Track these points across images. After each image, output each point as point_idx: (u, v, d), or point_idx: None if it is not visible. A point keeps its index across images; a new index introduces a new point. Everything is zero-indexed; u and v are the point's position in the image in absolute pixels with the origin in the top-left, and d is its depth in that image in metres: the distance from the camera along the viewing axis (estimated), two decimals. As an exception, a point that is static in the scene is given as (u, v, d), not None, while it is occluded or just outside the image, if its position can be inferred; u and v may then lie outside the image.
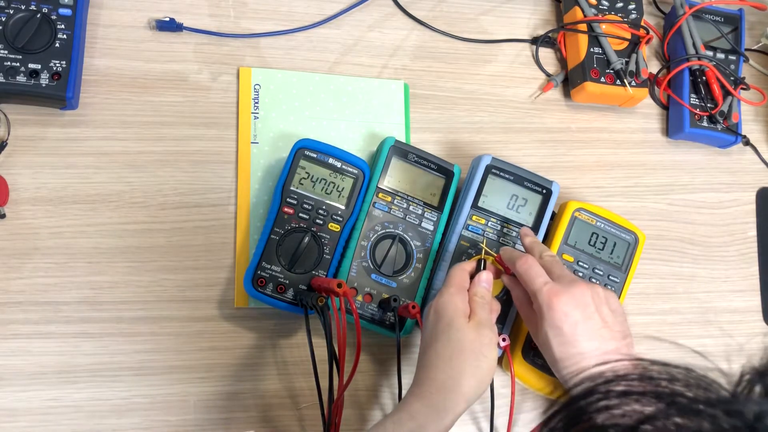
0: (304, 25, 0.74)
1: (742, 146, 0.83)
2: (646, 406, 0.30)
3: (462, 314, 0.57)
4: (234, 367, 0.64)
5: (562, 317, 0.55)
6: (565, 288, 0.56)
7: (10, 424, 0.58)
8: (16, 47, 0.61)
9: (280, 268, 0.62)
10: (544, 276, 0.58)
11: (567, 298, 0.55)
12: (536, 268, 0.58)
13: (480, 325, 0.56)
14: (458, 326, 0.56)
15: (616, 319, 0.57)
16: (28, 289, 0.61)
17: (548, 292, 0.56)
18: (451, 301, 0.58)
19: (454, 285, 0.59)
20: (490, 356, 0.56)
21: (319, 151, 0.65)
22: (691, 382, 0.31)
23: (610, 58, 0.78)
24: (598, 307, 0.56)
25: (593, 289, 0.57)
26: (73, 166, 0.65)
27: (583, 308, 0.56)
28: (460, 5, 0.81)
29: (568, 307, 0.55)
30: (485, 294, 0.60)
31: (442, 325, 0.57)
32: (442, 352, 0.55)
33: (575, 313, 0.55)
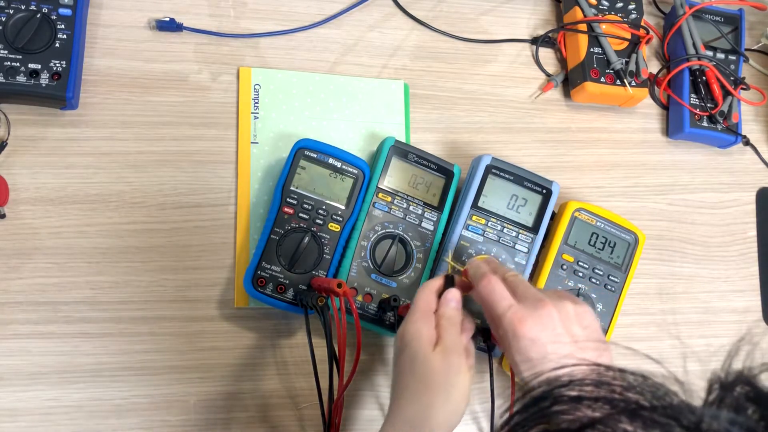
0: (304, 25, 0.74)
1: (742, 146, 0.83)
2: (597, 412, 0.29)
3: (427, 342, 0.53)
4: (234, 367, 0.64)
5: (529, 345, 0.51)
6: (530, 311, 0.52)
7: (10, 424, 0.58)
8: (16, 47, 0.61)
9: (280, 268, 0.62)
10: (507, 299, 0.53)
11: (533, 323, 0.51)
12: (499, 289, 0.54)
13: (447, 352, 0.52)
14: (423, 356, 0.52)
15: (589, 336, 0.53)
16: (28, 289, 0.61)
17: (512, 317, 0.52)
18: (415, 329, 0.54)
19: (418, 310, 0.56)
20: (460, 385, 0.52)
21: (319, 151, 0.65)
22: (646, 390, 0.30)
23: (610, 58, 0.78)
24: (568, 328, 0.52)
25: (561, 308, 0.52)
26: (73, 166, 0.65)
27: (551, 331, 0.51)
28: (460, 5, 0.81)
29: (534, 333, 0.51)
30: (453, 315, 0.56)
31: (406, 357, 0.53)
32: (409, 385, 0.52)
33: (543, 337, 0.51)
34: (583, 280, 0.68)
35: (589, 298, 0.68)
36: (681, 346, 0.76)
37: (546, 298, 0.53)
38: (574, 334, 0.52)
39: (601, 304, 0.68)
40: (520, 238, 0.68)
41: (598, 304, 0.68)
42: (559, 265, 0.68)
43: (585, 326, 0.53)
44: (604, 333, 0.68)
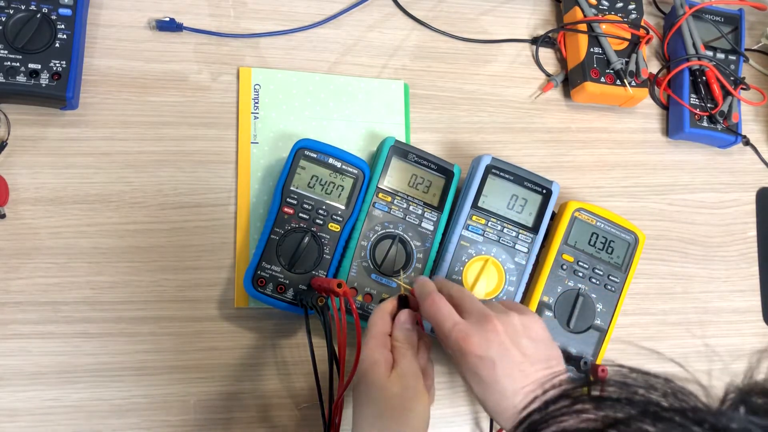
0: (304, 25, 0.74)
1: (742, 146, 0.83)
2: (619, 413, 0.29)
3: (383, 368, 0.53)
4: (234, 367, 0.64)
5: (476, 362, 0.51)
6: (475, 328, 0.51)
7: (10, 424, 0.58)
8: (16, 47, 0.61)
9: (280, 268, 0.62)
10: (452, 317, 0.53)
11: (478, 340, 0.51)
12: (444, 307, 0.54)
13: (402, 376, 0.52)
14: (379, 383, 0.52)
15: (538, 348, 0.53)
16: (28, 289, 0.61)
17: (457, 336, 0.51)
18: (370, 356, 0.53)
19: (372, 336, 0.55)
20: (418, 409, 0.51)
21: (319, 151, 0.65)
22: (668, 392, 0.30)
23: (610, 58, 0.78)
24: (515, 341, 0.52)
25: (507, 322, 0.52)
26: (73, 166, 0.65)
27: (498, 346, 0.51)
28: (460, 5, 0.81)
29: (480, 350, 0.51)
30: (407, 337, 0.55)
31: (364, 385, 0.53)
32: (367, 413, 0.52)
33: (490, 353, 0.51)
34: (583, 280, 0.68)
35: (589, 298, 0.68)
36: (681, 345, 0.76)
37: (491, 313, 0.52)
38: (523, 346, 0.52)
39: (601, 304, 0.69)
40: (520, 238, 0.68)
41: (598, 304, 0.68)
42: (559, 265, 0.68)
43: (533, 338, 0.53)
44: (604, 333, 0.68)
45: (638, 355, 0.75)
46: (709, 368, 0.76)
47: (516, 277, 0.67)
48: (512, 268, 0.67)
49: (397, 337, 0.55)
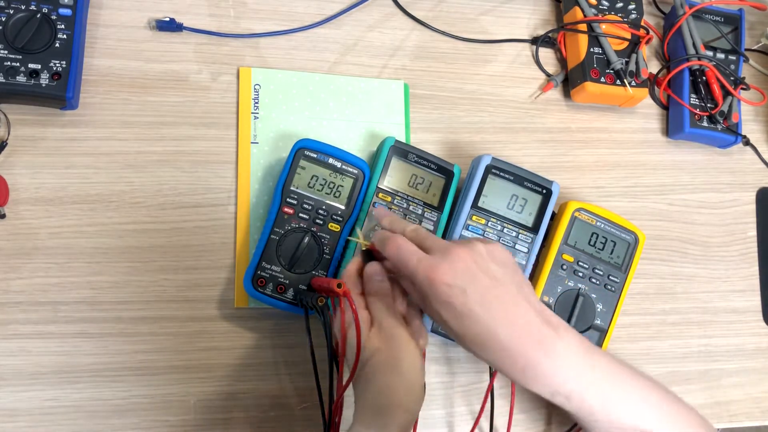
0: (304, 25, 0.74)
1: (742, 146, 0.83)
2: None
3: (364, 327, 0.53)
4: (234, 367, 0.64)
5: (446, 291, 0.49)
6: (440, 259, 0.50)
7: (10, 424, 0.58)
8: (16, 47, 0.61)
9: (280, 268, 0.62)
10: (417, 253, 0.52)
11: (445, 269, 0.50)
12: (405, 246, 0.53)
13: (382, 328, 0.52)
14: (363, 342, 0.52)
15: (507, 272, 0.52)
16: (28, 289, 0.61)
17: (424, 269, 0.50)
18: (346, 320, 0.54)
19: None
20: (408, 358, 0.51)
21: (319, 151, 0.65)
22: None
23: (610, 58, 0.78)
24: (483, 267, 0.50)
25: (472, 249, 0.51)
26: (73, 166, 0.65)
27: (465, 273, 0.50)
28: (460, 5, 0.81)
29: (448, 278, 0.49)
30: (379, 288, 0.55)
31: (349, 351, 0.53)
32: (361, 375, 0.53)
33: (459, 282, 0.49)
34: (583, 280, 0.68)
35: (589, 298, 0.68)
36: (681, 346, 0.76)
37: (454, 244, 0.52)
38: (492, 271, 0.51)
39: (601, 304, 0.69)
40: (520, 238, 0.68)
41: (598, 304, 0.68)
42: (559, 265, 0.68)
43: (500, 262, 0.52)
44: (604, 333, 0.68)
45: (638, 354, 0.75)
46: (708, 368, 0.76)
47: (516, 277, 0.67)
48: (512, 268, 0.67)
49: (369, 291, 0.55)
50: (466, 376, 0.69)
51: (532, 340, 0.49)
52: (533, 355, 0.49)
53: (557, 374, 0.49)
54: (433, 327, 0.65)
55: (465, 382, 0.69)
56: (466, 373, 0.69)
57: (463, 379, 0.69)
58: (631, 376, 0.53)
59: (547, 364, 0.49)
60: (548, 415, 0.70)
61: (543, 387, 0.50)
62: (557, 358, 0.49)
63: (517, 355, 0.49)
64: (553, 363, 0.49)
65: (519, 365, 0.49)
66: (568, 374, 0.50)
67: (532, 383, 0.50)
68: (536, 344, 0.49)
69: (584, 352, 0.51)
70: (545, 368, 0.49)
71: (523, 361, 0.49)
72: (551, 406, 0.70)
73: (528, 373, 0.49)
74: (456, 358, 0.69)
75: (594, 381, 0.51)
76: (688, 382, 0.75)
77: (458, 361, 0.69)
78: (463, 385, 0.69)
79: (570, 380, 0.50)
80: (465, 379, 0.69)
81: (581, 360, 0.50)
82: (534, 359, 0.49)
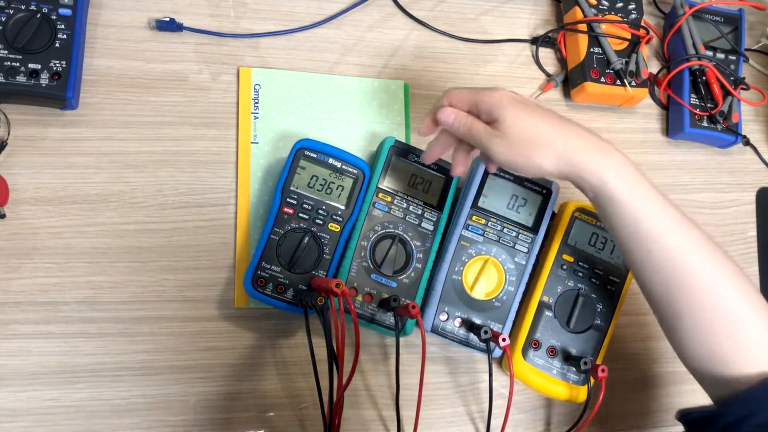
0: (304, 25, 0.74)
1: (742, 146, 0.83)
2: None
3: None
4: (234, 367, 0.64)
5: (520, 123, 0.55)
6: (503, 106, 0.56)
7: (10, 424, 0.58)
8: (16, 47, 0.61)
9: (280, 268, 0.62)
10: (476, 126, 0.57)
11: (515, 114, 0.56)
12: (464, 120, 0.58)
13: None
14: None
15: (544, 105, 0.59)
16: (28, 289, 0.61)
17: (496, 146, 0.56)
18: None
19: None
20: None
21: (319, 151, 0.65)
22: None
23: (610, 58, 0.78)
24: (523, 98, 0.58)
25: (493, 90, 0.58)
26: (73, 166, 0.65)
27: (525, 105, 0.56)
28: (460, 5, 0.81)
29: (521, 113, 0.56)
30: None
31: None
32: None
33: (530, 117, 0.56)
34: (583, 280, 0.68)
35: (589, 298, 0.68)
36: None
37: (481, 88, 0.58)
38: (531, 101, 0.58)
39: (601, 304, 0.69)
40: (520, 238, 0.68)
41: (598, 304, 0.68)
42: (559, 265, 0.68)
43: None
44: (604, 333, 0.68)
45: (638, 354, 0.75)
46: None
47: (516, 277, 0.67)
48: (512, 268, 0.67)
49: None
50: (466, 376, 0.69)
51: (594, 138, 0.55)
52: (595, 147, 0.55)
53: (608, 170, 0.54)
54: (433, 327, 0.65)
55: (465, 382, 0.69)
56: (466, 373, 0.69)
57: (463, 379, 0.69)
58: (673, 207, 0.58)
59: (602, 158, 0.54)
60: (548, 415, 0.70)
61: (591, 177, 0.54)
62: (613, 158, 0.55)
63: (577, 146, 0.54)
64: (608, 158, 0.54)
65: (576, 154, 0.54)
66: (619, 172, 0.54)
67: (584, 171, 0.54)
68: (597, 141, 0.55)
69: (636, 169, 0.56)
70: (600, 161, 0.54)
71: (581, 151, 0.54)
72: (551, 406, 0.70)
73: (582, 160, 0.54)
74: (456, 358, 0.69)
75: (636, 189, 0.55)
76: (688, 382, 0.75)
77: (458, 361, 0.69)
78: (463, 385, 0.69)
79: (620, 182, 0.54)
80: (465, 379, 0.69)
81: (633, 170, 0.55)
82: (593, 150, 0.54)
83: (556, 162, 0.54)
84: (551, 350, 0.67)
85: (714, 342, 0.55)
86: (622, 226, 0.56)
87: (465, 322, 0.65)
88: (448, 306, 0.65)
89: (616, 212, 0.55)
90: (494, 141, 0.56)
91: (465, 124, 0.58)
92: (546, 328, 0.67)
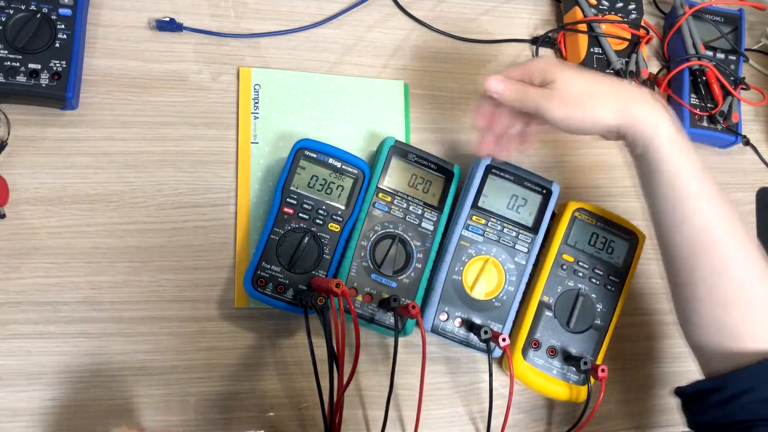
0: (304, 25, 0.74)
1: (742, 146, 0.83)
2: None
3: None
4: (234, 367, 0.64)
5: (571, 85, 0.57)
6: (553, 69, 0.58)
7: (10, 424, 0.58)
8: (16, 47, 0.61)
9: (280, 268, 0.62)
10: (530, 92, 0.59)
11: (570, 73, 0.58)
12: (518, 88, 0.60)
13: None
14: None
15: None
16: (28, 289, 0.61)
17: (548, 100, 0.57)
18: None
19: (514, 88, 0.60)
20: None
21: (319, 151, 0.65)
22: None
23: (610, 58, 0.78)
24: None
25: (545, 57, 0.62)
26: (73, 166, 0.65)
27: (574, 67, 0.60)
28: (460, 5, 0.81)
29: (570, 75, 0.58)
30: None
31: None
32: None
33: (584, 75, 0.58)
34: (583, 280, 0.68)
35: (589, 298, 0.68)
36: (681, 345, 0.76)
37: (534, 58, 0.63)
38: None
39: (601, 304, 0.69)
40: (520, 238, 0.68)
41: (598, 304, 0.68)
42: (559, 265, 0.68)
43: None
44: (604, 333, 0.69)
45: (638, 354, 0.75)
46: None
47: (516, 277, 0.67)
48: (512, 268, 0.67)
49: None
50: (466, 376, 0.69)
51: (648, 92, 0.58)
52: (651, 102, 0.57)
53: (661, 124, 0.56)
54: (433, 327, 0.65)
55: (465, 382, 0.69)
56: (466, 373, 0.69)
57: (463, 379, 0.69)
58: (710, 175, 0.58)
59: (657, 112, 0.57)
60: (548, 415, 0.70)
61: (645, 128, 0.56)
62: (666, 113, 0.57)
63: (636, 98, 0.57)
64: (662, 113, 0.57)
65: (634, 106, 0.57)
66: (670, 128, 0.56)
67: (641, 121, 0.56)
68: (652, 95, 0.58)
69: (682, 129, 0.58)
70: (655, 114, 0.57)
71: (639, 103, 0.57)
72: (551, 406, 0.70)
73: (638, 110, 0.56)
74: (456, 358, 0.69)
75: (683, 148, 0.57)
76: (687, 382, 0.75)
77: (458, 361, 0.69)
78: (463, 385, 0.69)
79: (670, 138, 0.56)
80: (465, 379, 0.69)
81: (680, 128, 0.57)
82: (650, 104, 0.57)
83: (614, 114, 0.56)
84: (551, 350, 0.67)
85: (727, 313, 0.55)
86: (662, 182, 0.57)
87: (465, 322, 0.65)
88: (448, 306, 0.65)
89: (659, 169, 0.57)
90: (552, 101, 0.57)
91: (517, 89, 0.59)
92: (546, 328, 0.67)
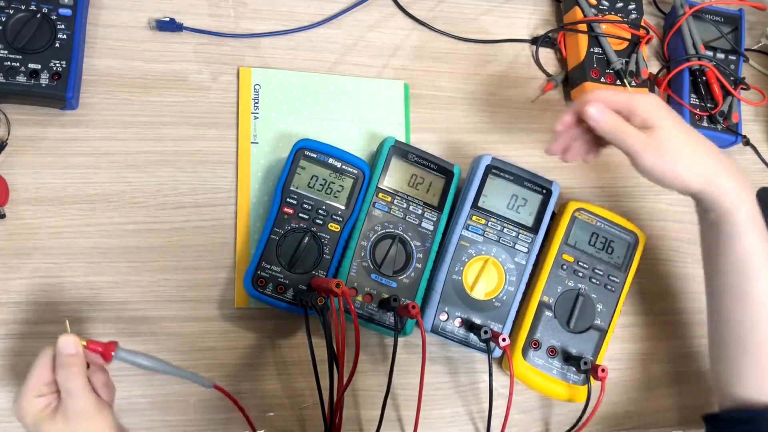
0: (304, 25, 0.74)
1: (742, 146, 0.83)
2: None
3: (44, 416, 0.48)
4: (234, 367, 0.64)
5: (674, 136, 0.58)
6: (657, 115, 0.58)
7: (10, 424, 0.58)
8: (16, 47, 0.61)
9: (280, 268, 0.62)
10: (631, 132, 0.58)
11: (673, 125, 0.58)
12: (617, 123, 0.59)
13: (67, 414, 0.48)
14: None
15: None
16: (28, 289, 0.61)
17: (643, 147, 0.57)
18: (24, 408, 0.48)
19: (27, 389, 0.49)
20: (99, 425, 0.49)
21: (319, 151, 0.65)
22: None
23: (610, 58, 0.78)
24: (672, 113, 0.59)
25: (652, 96, 0.60)
26: (73, 166, 0.65)
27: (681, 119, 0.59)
28: (460, 5, 0.81)
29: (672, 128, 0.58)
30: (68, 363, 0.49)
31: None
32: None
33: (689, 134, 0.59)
34: (583, 280, 0.68)
35: (589, 298, 0.68)
36: (681, 346, 0.76)
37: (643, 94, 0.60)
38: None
39: (601, 304, 0.69)
40: (520, 238, 0.68)
41: (598, 304, 0.68)
42: (559, 265, 0.68)
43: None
44: (604, 333, 0.69)
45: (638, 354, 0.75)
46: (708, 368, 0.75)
47: (516, 277, 0.67)
48: (512, 268, 0.67)
49: (60, 366, 0.50)
50: (466, 376, 0.69)
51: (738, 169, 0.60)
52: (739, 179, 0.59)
53: (743, 202, 0.58)
54: (433, 327, 0.65)
55: (465, 382, 0.69)
56: (466, 373, 0.69)
57: (463, 379, 0.69)
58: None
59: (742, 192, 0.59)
60: (548, 415, 0.70)
61: (725, 203, 0.58)
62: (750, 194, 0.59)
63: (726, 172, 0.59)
64: (747, 194, 0.59)
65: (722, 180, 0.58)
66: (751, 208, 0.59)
67: (724, 195, 0.58)
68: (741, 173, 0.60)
69: (758, 212, 0.60)
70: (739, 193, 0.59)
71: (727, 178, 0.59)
72: (551, 406, 0.70)
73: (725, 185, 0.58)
74: (456, 358, 0.69)
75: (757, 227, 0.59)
76: (688, 382, 0.75)
77: (458, 361, 0.69)
78: (463, 385, 0.69)
79: (748, 217, 0.58)
80: (465, 379, 0.69)
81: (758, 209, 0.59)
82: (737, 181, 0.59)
83: (702, 179, 0.58)
84: (551, 350, 0.67)
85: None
86: (731, 253, 0.59)
87: (465, 322, 0.65)
88: (448, 306, 0.65)
89: (733, 242, 0.59)
90: (647, 149, 0.57)
91: (616, 125, 0.59)
92: (546, 328, 0.67)
